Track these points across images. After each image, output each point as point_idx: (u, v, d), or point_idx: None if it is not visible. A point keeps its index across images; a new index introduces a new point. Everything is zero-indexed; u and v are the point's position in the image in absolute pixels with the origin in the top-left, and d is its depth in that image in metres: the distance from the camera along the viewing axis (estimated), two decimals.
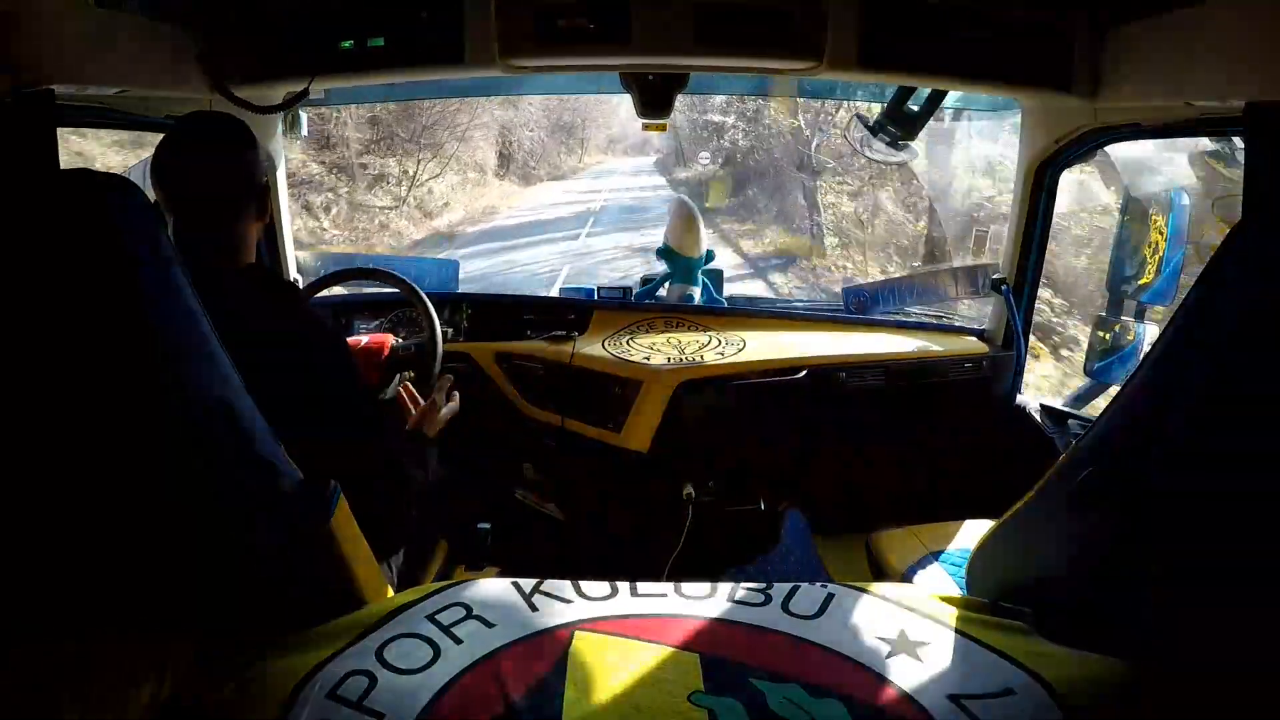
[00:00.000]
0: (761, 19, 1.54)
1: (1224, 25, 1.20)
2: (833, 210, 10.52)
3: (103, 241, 0.84)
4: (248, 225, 1.27)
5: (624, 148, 23.21)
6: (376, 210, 12.83)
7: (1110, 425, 1.02)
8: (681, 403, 1.96)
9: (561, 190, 17.78)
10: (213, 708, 0.95)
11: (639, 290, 2.45)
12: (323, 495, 1.04)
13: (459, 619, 1.09)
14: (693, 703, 0.95)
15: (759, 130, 12.89)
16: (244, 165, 1.27)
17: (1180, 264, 1.84)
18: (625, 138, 22.84)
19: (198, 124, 1.32)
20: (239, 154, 1.26)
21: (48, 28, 1.11)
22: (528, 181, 18.29)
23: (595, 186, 18.50)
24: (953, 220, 7.11)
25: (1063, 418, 2.03)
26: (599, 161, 22.88)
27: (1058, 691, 0.94)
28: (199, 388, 0.90)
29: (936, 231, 8.62)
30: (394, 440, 1.35)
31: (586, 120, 21.41)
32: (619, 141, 23.61)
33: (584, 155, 22.42)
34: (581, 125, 21.49)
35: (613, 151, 23.30)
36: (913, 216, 9.01)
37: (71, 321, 0.86)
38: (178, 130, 1.28)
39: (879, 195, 9.44)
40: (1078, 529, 1.05)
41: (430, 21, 1.56)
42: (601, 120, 21.63)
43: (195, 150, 1.25)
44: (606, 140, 23.51)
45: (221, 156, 1.25)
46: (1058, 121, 1.79)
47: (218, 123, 1.31)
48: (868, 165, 8.30)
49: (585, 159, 22.49)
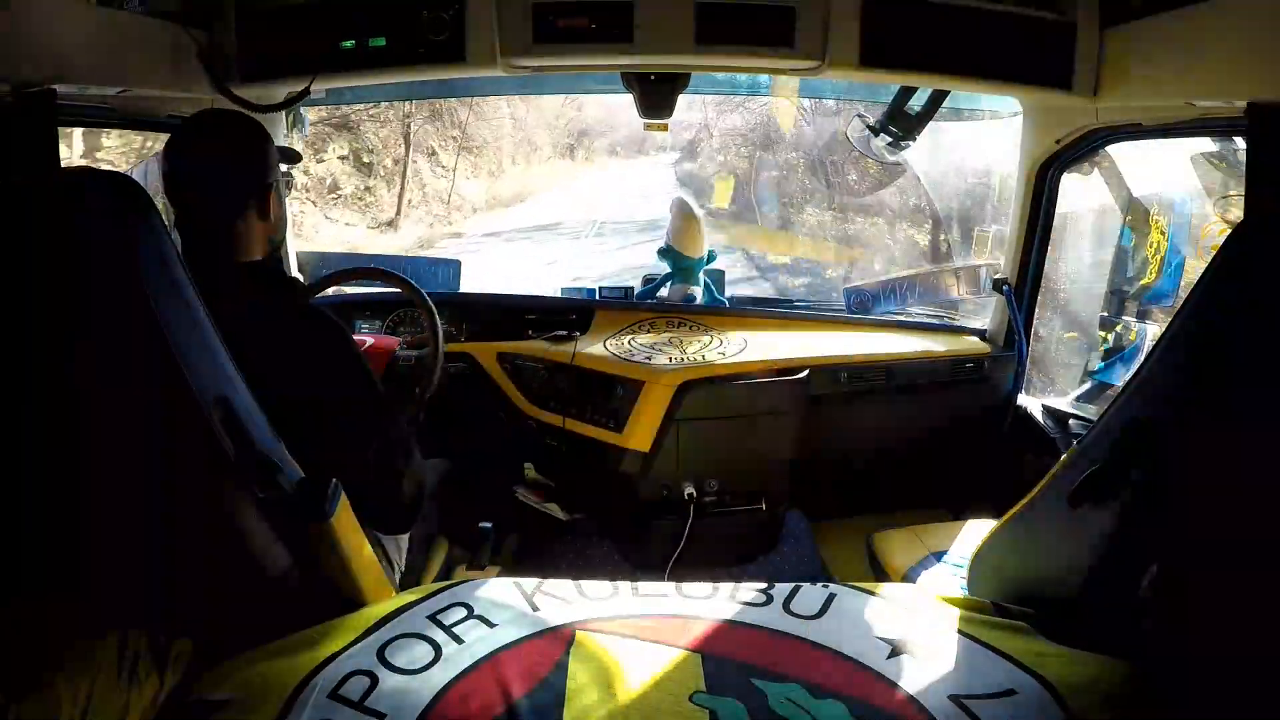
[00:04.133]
0: (763, 19, 1.54)
1: (1226, 25, 1.19)
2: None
3: (104, 239, 0.84)
4: (250, 223, 1.27)
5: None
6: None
7: (1111, 425, 1.02)
8: (683, 402, 1.96)
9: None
10: (213, 708, 0.95)
11: (640, 290, 2.45)
12: (323, 494, 1.04)
13: (460, 619, 1.09)
14: (694, 703, 0.94)
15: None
16: (248, 164, 1.27)
17: (1182, 264, 1.84)
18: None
19: (205, 121, 1.33)
20: (243, 153, 1.27)
21: (49, 27, 1.11)
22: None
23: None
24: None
25: (1064, 418, 2.03)
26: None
27: (1059, 692, 0.94)
28: (199, 384, 0.90)
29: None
30: (400, 431, 1.34)
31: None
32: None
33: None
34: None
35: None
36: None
37: (73, 318, 0.86)
38: (185, 126, 1.30)
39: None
40: (1079, 529, 1.05)
41: (431, 21, 1.56)
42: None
43: (200, 147, 1.26)
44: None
45: (225, 155, 1.25)
46: (1059, 121, 1.79)
47: (225, 121, 1.32)
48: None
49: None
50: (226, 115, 1.37)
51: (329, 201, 10.39)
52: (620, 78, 1.77)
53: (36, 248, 0.85)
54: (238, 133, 1.29)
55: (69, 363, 0.88)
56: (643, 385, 1.97)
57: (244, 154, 1.27)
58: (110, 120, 1.61)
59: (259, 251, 1.30)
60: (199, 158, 1.25)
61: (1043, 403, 2.10)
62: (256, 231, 1.28)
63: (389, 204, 11.26)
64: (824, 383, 2.07)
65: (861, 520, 2.28)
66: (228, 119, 1.33)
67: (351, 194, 10.79)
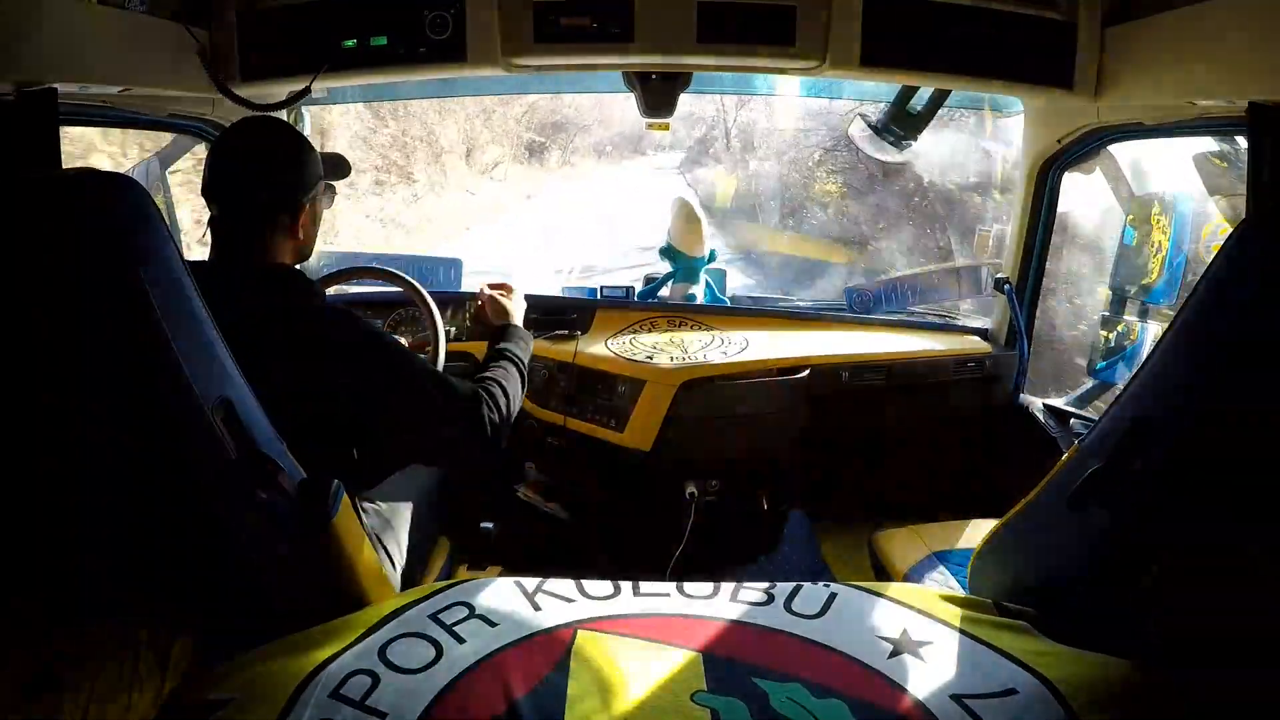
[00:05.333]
0: (764, 18, 1.54)
1: (1227, 24, 1.19)
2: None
3: (105, 239, 0.84)
4: (277, 235, 1.27)
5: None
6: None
7: (1113, 425, 1.02)
8: (684, 402, 1.96)
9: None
10: (213, 707, 0.95)
11: (642, 289, 2.45)
12: (325, 495, 1.04)
13: (462, 618, 1.09)
14: (695, 702, 0.94)
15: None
16: (278, 176, 1.27)
17: (1184, 264, 1.84)
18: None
19: (244, 129, 1.32)
20: (275, 164, 1.27)
21: (50, 26, 1.11)
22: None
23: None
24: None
25: (1065, 417, 2.03)
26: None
27: (1060, 691, 0.94)
28: (200, 385, 0.90)
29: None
30: (435, 382, 1.34)
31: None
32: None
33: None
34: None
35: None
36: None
37: (74, 318, 0.86)
38: (227, 131, 1.33)
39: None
40: (1080, 529, 1.05)
41: (433, 20, 1.56)
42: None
43: (233, 154, 1.27)
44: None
45: (255, 164, 1.26)
46: (1060, 121, 1.79)
47: (263, 130, 1.32)
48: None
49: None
50: (268, 124, 1.36)
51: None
52: (622, 77, 1.78)
53: (37, 247, 0.85)
54: (272, 144, 1.29)
55: (70, 363, 0.88)
56: (644, 384, 1.97)
57: (275, 165, 1.27)
58: (111, 119, 1.60)
59: (285, 261, 1.30)
60: (230, 164, 1.26)
61: (1044, 402, 2.10)
62: (284, 246, 1.29)
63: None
64: (825, 382, 2.06)
65: (863, 520, 2.28)
66: (269, 128, 1.33)
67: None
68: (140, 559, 1.02)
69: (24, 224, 0.85)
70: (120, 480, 0.94)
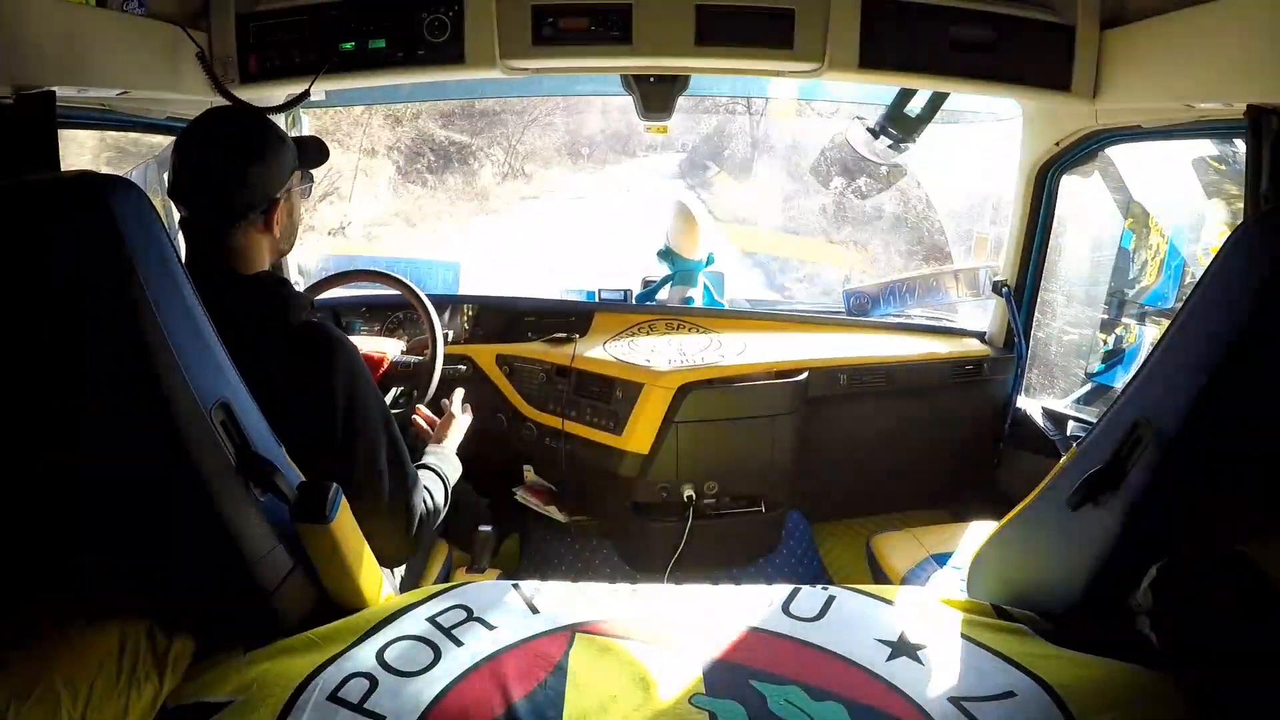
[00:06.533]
0: (762, 21, 1.54)
1: (1225, 27, 1.20)
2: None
3: (103, 241, 0.84)
4: (251, 236, 1.18)
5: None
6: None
7: (1111, 427, 1.02)
8: (682, 405, 1.96)
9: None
10: (213, 709, 0.95)
11: (640, 292, 2.45)
12: (324, 498, 1.03)
13: (460, 621, 1.09)
14: (693, 705, 0.94)
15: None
16: (251, 173, 1.16)
17: (1182, 266, 1.84)
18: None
19: (209, 122, 1.20)
20: (245, 160, 1.16)
21: (48, 29, 1.11)
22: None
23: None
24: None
25: (1063, 420, 2.03)
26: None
27: (1059, 694, 0.94)
28: (199, 386, 0.90)
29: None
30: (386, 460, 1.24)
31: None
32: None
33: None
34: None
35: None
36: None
37: (73, 320, 0.86)
38: (190, 126, 1.19)
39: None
40: (1079, 531, 1.05)
41: (431, 23, 1.56)
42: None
43: (199, 151, 1.17)
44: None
45: (224, 161, 1.16)
46: (1058, 123, 1.79)
47: (231, 123, 1.21)
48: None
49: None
50: (233, 115, 1.25)
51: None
52: (620, 79, 1.78)
53: (36, 249, 0.85)
54: (242, 137, 1.18)
55: (69, 364, 0.88)
56: (642, 387, 1.97)
57: (246, 162, 1.16)
58: (110, 122, 1.60)
59: (262, 264, 1.22)
60: (196, 162, 1.16)
61: (1042, 405, 2.10)
62: (258, 244, 1.20)
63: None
64: (823, 385, 2.06)
65: (861, 522, 2.28)
66: (235, 120, 1.23)
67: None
68: (139, 560, 1.02)
69: (23, 226, 0.85)
70: (119, 481, 0.94)
